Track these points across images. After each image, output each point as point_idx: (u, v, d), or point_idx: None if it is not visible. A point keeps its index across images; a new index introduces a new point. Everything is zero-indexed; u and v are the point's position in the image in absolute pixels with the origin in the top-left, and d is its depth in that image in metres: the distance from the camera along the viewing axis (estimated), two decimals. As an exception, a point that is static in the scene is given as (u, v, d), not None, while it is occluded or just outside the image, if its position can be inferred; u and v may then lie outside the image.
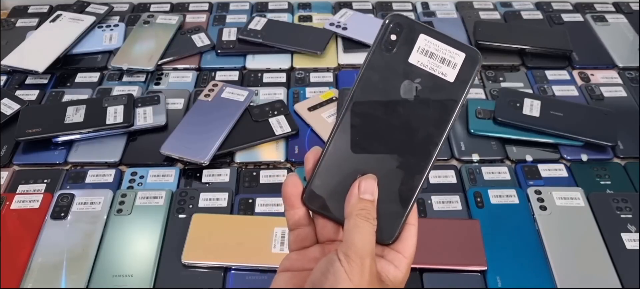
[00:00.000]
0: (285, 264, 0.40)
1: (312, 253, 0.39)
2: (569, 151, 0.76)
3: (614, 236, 0.65)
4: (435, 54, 0.39)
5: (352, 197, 0.37)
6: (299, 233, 0.39)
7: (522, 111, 0.78)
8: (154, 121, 0.79)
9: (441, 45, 0.39)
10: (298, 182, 0.39)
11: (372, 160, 0.38)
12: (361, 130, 0.38)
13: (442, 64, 0.39)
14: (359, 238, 0.35)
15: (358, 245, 0.35)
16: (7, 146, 0.76)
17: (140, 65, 0.90)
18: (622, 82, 0.88)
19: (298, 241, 0.40)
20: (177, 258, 0.62)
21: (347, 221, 0.36)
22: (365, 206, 0.37)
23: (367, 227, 0.36)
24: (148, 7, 1.07)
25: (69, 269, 0.61)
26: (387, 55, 0.39)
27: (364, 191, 0.37)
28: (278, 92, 0.86)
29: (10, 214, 0.67)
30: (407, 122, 0.39)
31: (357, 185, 0.37)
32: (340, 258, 0.35)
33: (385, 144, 0.38)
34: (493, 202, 0.68)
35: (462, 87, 0.38)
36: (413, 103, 0.38)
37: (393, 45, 0.39)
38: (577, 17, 1.04)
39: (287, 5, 1.07)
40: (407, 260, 0.38)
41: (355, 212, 0.36)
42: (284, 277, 0.39)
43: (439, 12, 1.04)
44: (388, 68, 0.39)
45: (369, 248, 0.35)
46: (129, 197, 0.69)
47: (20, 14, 1.05)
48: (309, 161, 0.39)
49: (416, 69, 0.39)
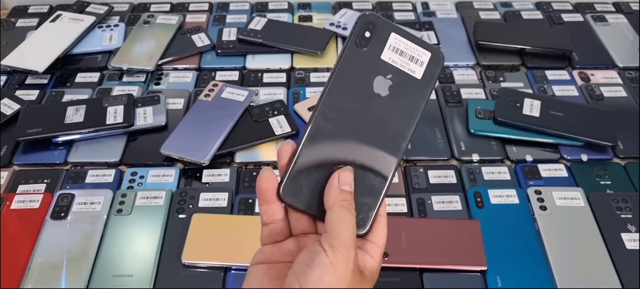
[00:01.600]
0: (259, 257, 0.40)
1: (286, 246, 0.40)
2: (569, 151, 0.76)
3: (614, 236, 0.65)
4: (405, 52, 0.40)
5: (333, 188, 0.37)
6: (273, 227, 0.40)
7: (522, 111, 0.78)
8: (154, 121, 0.79)
9: (410, 44, 0.41)
10: (273, 177, 0.39)
11: (347, 153, 0.39)
12: (335, 124, 0.39)
13: (411, 62, 0.40)
14: (345, 229, 0.36)
15: (344, 236, 0.35)
16: (7, 146, 0.76)
17: (140, 65, 0.90)
18: (622, 82, 0.88)
19: (272, 235, 0.40)
20: (177, 258, 0.62)
21: (330, 213, 0.37)
22: (347, 197, 0.37)
23: (350, 218, 0.37)
24: (148, 7, 1.07)
25: (69, 269, 0.61)
26: (360, 52, 0.40)
27: (344, 183, 0.38)
28: (278, 92, 0.86)
29: (10, 214, 0.67)
30: (379, 117, 0.40)
31: (337, 177, 0.38)
32: (325, 248, 0.35)
33: (358, 138, 0.39)
34: (493, 202, 0.68)
35: (428, 84, 0.41)
36: (385, 98, 0.40)
37: (366, 42, 0.40)
38: (577, 17, 1.04)
39: (287, 5, 1.07)
40: (380, 249, 0.39)
41: (338, 203, 0.37)
42: (259, 270, 0.39)
43: (439, 12, 1.04)
44: (362, 64, 0.40)
45: (353, 238, 0.36)
46: (129, 197, 0.69)
47: (20, 14, 1.05)
48: (283, 155, 0.39)
49: (388, 66, 0.40)
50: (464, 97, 0.84)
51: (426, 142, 0.77)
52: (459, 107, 0.83)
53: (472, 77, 0.90)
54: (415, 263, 0.62)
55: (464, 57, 0.93)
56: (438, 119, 0.81)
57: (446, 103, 0.83)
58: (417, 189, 0.71)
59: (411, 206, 0.69)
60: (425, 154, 0.76)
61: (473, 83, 0.88)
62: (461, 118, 0.80)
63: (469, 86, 0.87)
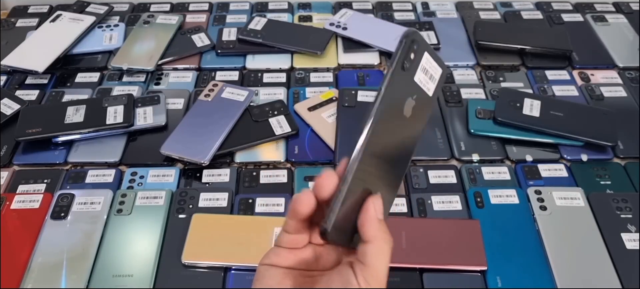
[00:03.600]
0: (273, 259, 0.39)
1: (303, 254, 0.39)
2: (569, 151, 0.76)
3: (614, 236, 0.65)
4: (428, 71, 0.39)
5: (373, 220, 0.36)
6: (296, 238, 0.39)
7: (522, 111, 0.78)
8: (154, 121, 0.79)
9: (433, 63, 0.39)
10: (312, 202, 0.37)
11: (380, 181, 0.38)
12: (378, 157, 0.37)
13: (430, 81, 0.39)
14: (383, 265, 0.35)
15: (381, 272, 0.35)
16: (7, 146, 0.76)
17: (140, 65, 0.90)
18: (622, 82, 0.88)
19: (292, 243, 0.39)
20: (177, 258, 0.62)
21: (371, 245, 0.36)
22: (384, 228, 0.36)
23: (388, 251, 0.36)
24: (148, 7, 1.07)
25: (69, 269, 0.61)
26: (402, 74, 0.38)
27: (380, 212, 0.37)
28: (278, 92, 0.86)
29: (10, 214, 0.67)
30: (402, 140, 0.39)
31: (372, 207, 0.36)
32: (360, 281, 0.35)
33: (387, 164, 0.38)
34: (493, 202, 0.68)
35: (434, 99, 0.40)
36: (408, 120, 0.39)
37: (409, 63, 0.38)
38: (577, 17, 1.04)
39: (287, 5, 1.07)
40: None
41: (379, 235, 0.36)
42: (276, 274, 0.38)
43: (439, 12, 1.04)
44: (402, 87, 0.38)
45: (387, 271, 0.36)
46: (129, 197, 0.69)
47: (20, 14, 1.05)
48: (324, 189, 0.36)
49: (416, 87, 0.39)
50: (464, 97, 0.84)
51: (426, 142, 0.77)
52: (459, 107, 0.83)
53: (472, 77, 0.90)
54: (415, 263, 0.62)
55: (464, 57, 0.93)
56: (438, 119, 0.81)
57: (446, 103, 0.83)
58: (417, 189, 0.71)
59: (411, 206, 0.68)
60: (425, 154, 0.76)
61: (473, 83, 0.88)
62: (461, 118, 0.80)
63: (469, 86, 0.87)
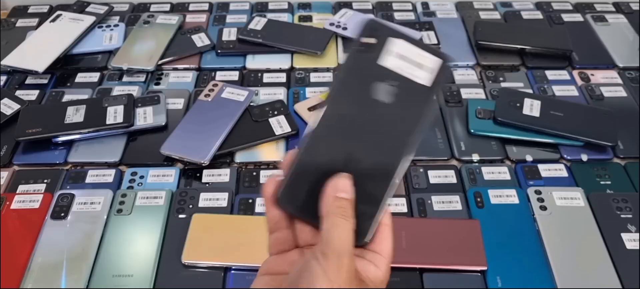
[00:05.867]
0: (265, 267, 0.40)
1: (291, 257, 0.39)
2: (569, 151, 0.76)
3: (614, 236, 0.65)
4: (409, 58, 0.39)
5: (328, 196, 0.36)
6: (277, 236, 0.39)
7: (522, 111, 0.78)
8: (154, 121, 0.79)
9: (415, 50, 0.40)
10: (274, 181, 0.38)
11: (347, 161, 0.38)
12: (336, 132, 0.38)
13: (417, 68, 0.39)
14: (337, 236, 0.35)
15: (335, 243, 0.35)
16: (7, 146, 0.76)
17: (140, 65, 0.90)
18: (622, 82, 0.88)
19: (277, 244, 0.39)
20: (177, 258, 0.62)
21: (325, 220, 0.36)
22: (342, 204, 0.36)
23: (345, 225, 0.35)
24: (148, 7, 1.07)
25: (69, 269, 0.61)
26: (362, 58, 0.39)
27: (340, 189, 0.36)
28: (278, 92, 0.86)
29: (10, 214, 0.67)
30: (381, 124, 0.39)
31: (331, 183, 0.37)
32: (318, 256, 0.34)
33: (358, 146, 0.38)
34: (493, 202, 0.68)
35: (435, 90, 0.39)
36: (387, 105, 0.39)
37: (369, 48, 0.39)
38: (577, 17, 1.04)
39: (287, 5, 1.07)
40: (386, 260, 0.38)
41: (332, 210, 0.36)
42: (263, 280, 0.39)
43: (439, 12, 1.04)
44: (364, 70, 0.39)
45: (347, 246, 0.35)
46: (129, 197, 0.69)
47: (20, 14, 1.05)
48: (284, 162, 0.38)
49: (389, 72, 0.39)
50: (464, 97, 0.84)
51: (426, 142, 0.77)
52: (459, 107, 0.83)
53: (472, 77, 0.90)
54: (415, 263, 0.62)
55: (464, 57, 0.93)
56: (438, 119, 0.81)
57: (446, 103, 0.83)
58: (417, 189, 0.71)
59: (411, 206, 0.68)
60: (425, 154, 0.76)
61: (473, 83, 0.88)
62: (461, 118, 0.80)
63: (469, 86, 0.87)
